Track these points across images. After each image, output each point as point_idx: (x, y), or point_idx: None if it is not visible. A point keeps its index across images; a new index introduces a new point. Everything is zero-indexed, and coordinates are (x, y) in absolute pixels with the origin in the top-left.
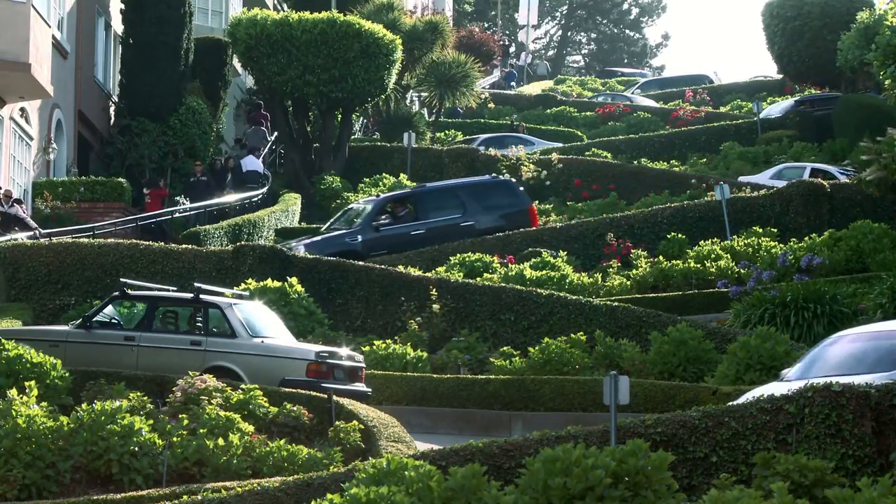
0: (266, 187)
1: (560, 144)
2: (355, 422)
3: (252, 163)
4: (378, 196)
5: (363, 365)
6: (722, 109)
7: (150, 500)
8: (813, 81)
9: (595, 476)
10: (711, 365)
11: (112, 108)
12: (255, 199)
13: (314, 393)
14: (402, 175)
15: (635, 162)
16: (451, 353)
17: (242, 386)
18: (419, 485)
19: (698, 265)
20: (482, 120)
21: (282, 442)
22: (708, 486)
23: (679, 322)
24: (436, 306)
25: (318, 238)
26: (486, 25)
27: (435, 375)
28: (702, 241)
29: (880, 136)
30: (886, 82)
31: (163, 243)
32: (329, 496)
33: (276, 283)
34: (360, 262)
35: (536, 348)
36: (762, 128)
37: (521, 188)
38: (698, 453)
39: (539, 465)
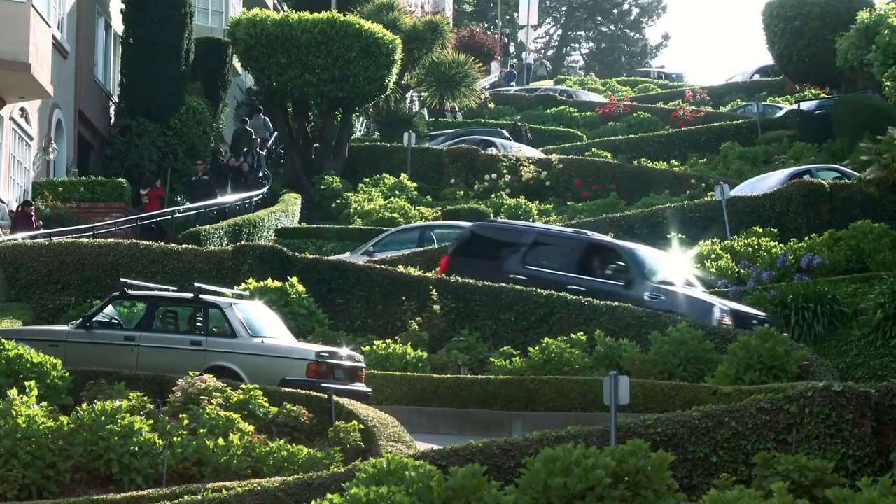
0: (266, 187)
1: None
2: (355, 422)
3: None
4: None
5: (363, 365)
6: (722, 109)
7: (150, 500)
8: (813, 81)
9: (595, 476)
10: (711, 365)
11: (112, 108)
12: (255, 198)
13: (314, 393)
14: (402, 175)
15: (635, 162)
16: (451, 353)
17: (242, 386)
18: (419, 485)
19: (698, 265)
20: (482, 120)
21: (282, 442)
22: (708, 486)
23: (679, 322)
24: (436, 306)
25: None
26: (486, 26)
27: (435, 375)
28: (702, 241)
29: (880, 136)
30: (887, 82)
31: (163, 243)
32: (329, 496)
33: (277, 283)
34: (360, 262)
35: (536, 348)
36: (762, 128)
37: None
38: (698, 453)
39: (539, 465)
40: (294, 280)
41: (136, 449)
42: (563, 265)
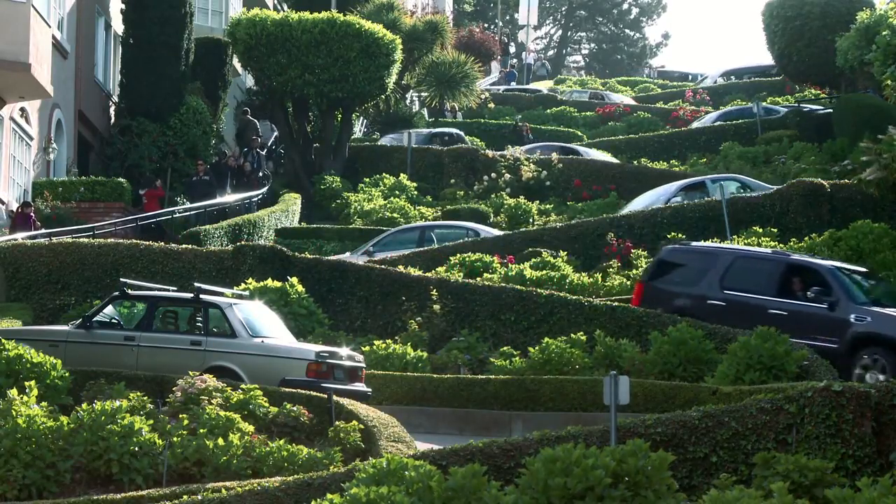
0: (266, 187)
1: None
2: (355, 422)
3: None
4: None
5: (363, 365)
6: (722, 109)
7: (150, 500)
8: (813, 81)
9: (595, 476)
10: (711, 365)
11: (112, 108)
12: (255, 198)
13: (314, 393)
14: (402, 175)
15: (635, 162)
16: (451, 353)
17: (242, 386)
18: (419, 485)
19: None
20: (482, 120)
21: (282, 442)
22: (708, 486)
23: (679, 322)
24: (436, 306)
25: None
26: (486, 26)
27: (435, 375)
28: (702, 242)
29: (880, 135)
30: (887, 82)
31: (163, 243)
32: (329, 496)
33: (277, 283)
34: (360, 262)
35: (536, 348)
36: (762, 128)
37: None
38: (698, 453)
39: (539, 465)
40: (294, 280)
41: (136, 449)
42: (762, 288)
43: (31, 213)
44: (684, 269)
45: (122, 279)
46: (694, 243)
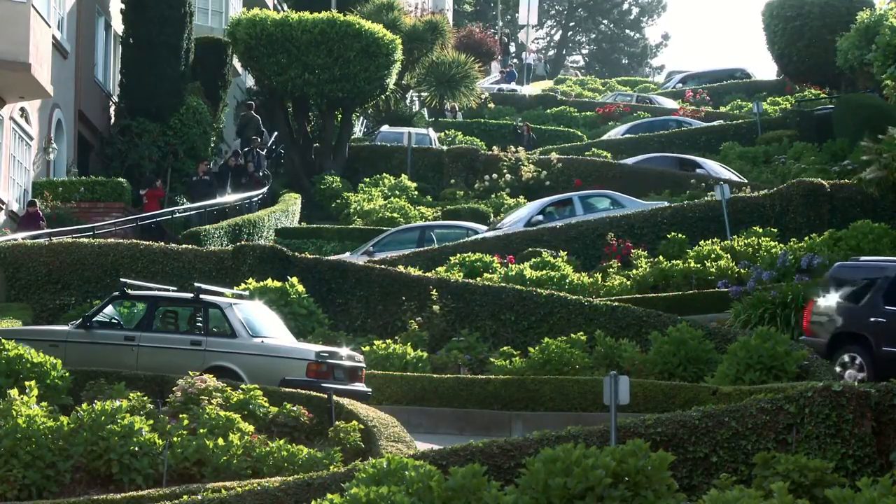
0: (266, 187)
1: None
2: (355, 422)
3: None
4: None
5: (363, 365)
6: (722, 109)
7: (150, 500)
8: (813, 81)
9: (595, 476)
10: (711, 365)
11: (112, 108)
12: (255, 198)
13: (314, 393)
14: (402, 175)
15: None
16: (451, 353)
17: (242, 386)
18: (419, 485)
19: (698, 265)
20: (482, 120)
21: (282, 442)
22: (708, 486)
23: (679, 322)
24: (436, 306)
25: None
26: (483, 25)
27: (435, 375)
28: (702, 241)
29: (881, 135)
30: (887, 82)
31: (163, 243)
32: (329, 496)
33: (277, 283)
34: (360, 262)
35: (536, 348)
36: (762, 128)
37: None
38: (698, 453)
39: (539, 465)
40: (294, 280)
41: (136, 449)
42: None
43: (39, 212)
44: (852, 285)
45: (122, 279)
46: (862, 258)
